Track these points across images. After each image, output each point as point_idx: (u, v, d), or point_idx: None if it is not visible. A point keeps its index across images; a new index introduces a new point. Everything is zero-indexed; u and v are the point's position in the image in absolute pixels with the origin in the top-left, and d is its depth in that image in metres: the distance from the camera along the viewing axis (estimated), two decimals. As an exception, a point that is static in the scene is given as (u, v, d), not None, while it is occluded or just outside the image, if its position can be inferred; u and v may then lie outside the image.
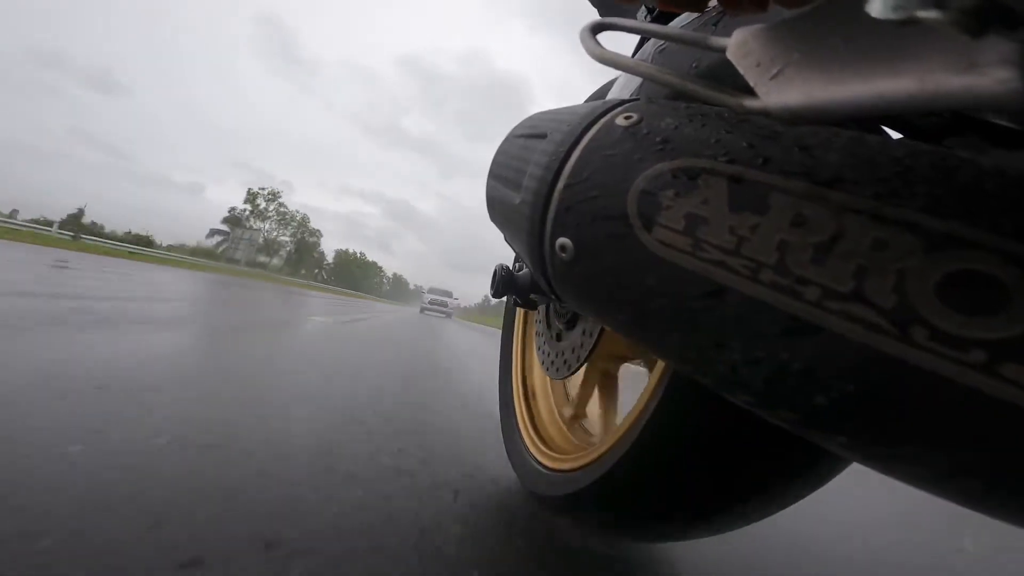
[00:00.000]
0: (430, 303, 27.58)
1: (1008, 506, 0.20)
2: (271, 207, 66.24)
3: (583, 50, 0.34)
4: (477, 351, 4.53)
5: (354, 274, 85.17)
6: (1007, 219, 0.19)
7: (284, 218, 68.43)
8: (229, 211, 63.91)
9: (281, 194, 66.69)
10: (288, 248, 69.04)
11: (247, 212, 64.45)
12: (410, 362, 2.59)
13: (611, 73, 0.74)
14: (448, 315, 26.07)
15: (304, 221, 70.76)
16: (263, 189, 66.43)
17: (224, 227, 62.63)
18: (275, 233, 67.80)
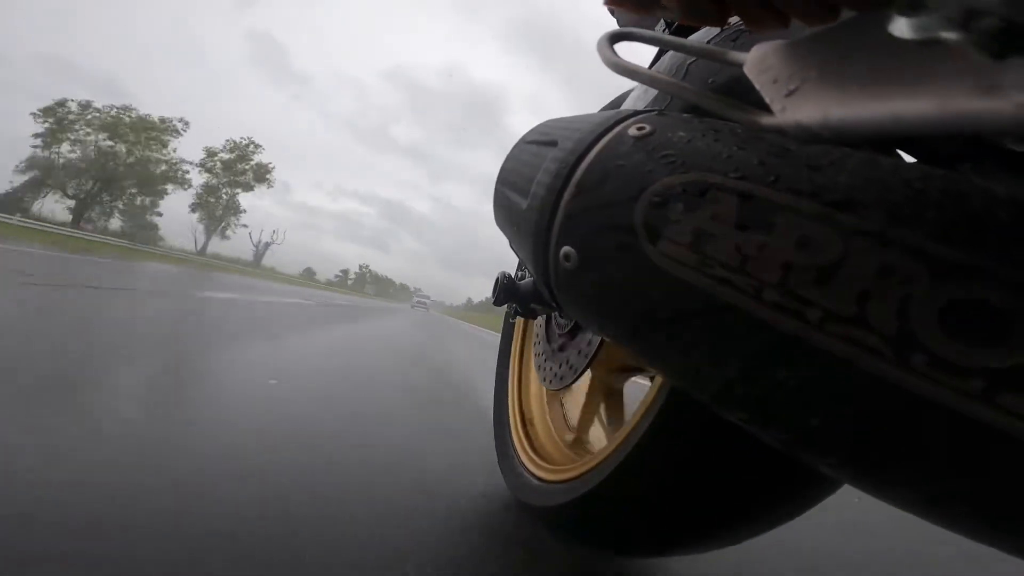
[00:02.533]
0: (416, 302, 56.74)
1: (998, 534, 0.20)
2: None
3: (600, 59, 0.34)
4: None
5: (380, 286, 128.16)
6: (1017, 249, 0.18)
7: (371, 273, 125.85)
8: (341, 271, 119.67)
9: (369, 266, 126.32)
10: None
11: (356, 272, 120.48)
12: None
13: (616, 84, 0.74)
14: (427, 308, 44.42)
15: (372, 271, 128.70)
16: (366, 264, 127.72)
17: (340, 273, 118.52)
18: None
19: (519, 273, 0.94)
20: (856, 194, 0.23)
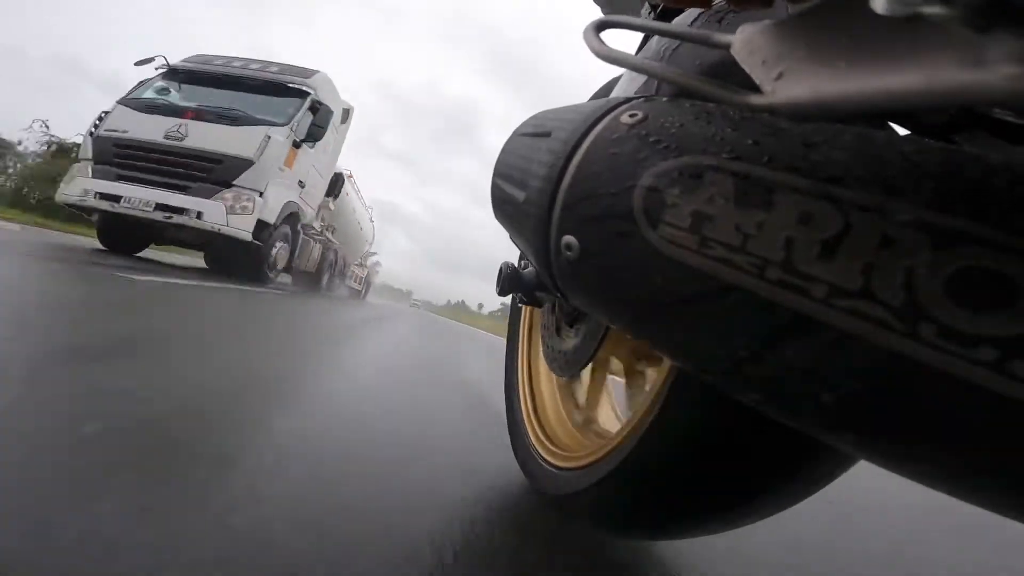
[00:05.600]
0: (412, 303, 71.44)
1: (1017, 504, 0.20)
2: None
3: (587, 48, 0.34)
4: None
5: (390, 293, 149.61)
6: (1015, 215, 0.18)
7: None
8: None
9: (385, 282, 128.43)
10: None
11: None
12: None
13: (611, 71, 0.74)
14: (419, 308, 48.95)
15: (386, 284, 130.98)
16: (384, 282, 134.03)
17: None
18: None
19: (522, 263, 0.94)
20: (853, 169, 0.23)
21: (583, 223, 0.33)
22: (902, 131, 0.31)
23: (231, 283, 4.07)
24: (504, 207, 0.48)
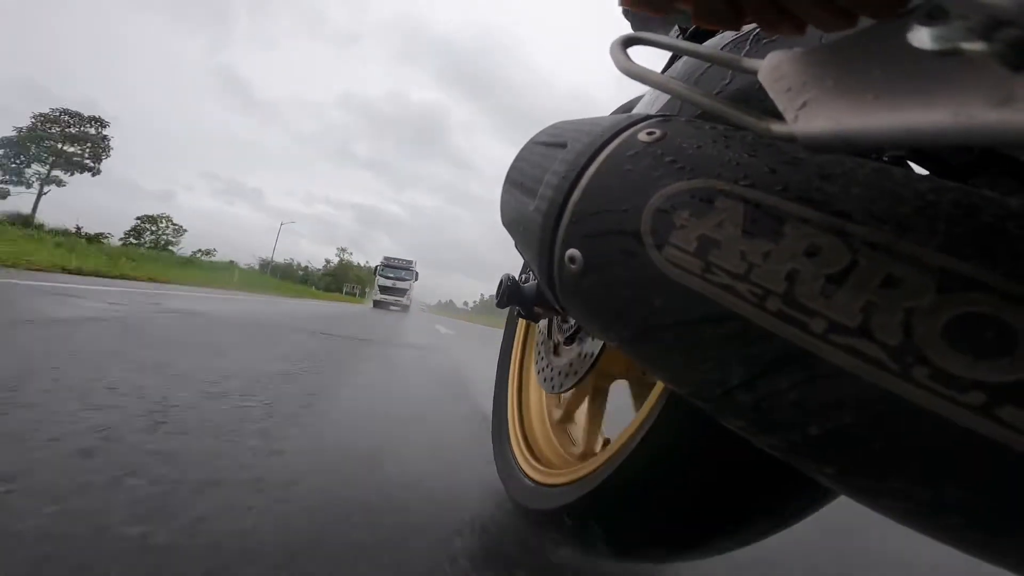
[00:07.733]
0: (419, 308, 69.29)
1: (993, 547, 0.19)
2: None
3: (612, 62, 0.34)
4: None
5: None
6: None
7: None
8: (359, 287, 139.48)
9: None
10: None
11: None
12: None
13: (633, 88, 0.74)
14: (425, 311, 55.58)
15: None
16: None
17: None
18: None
19: (523, 276, 0.93)
20: (867, 204, 0.22)
21: (589, 238, 0.33)
22: (921, 171, 0.31)
23: (398, 311, 22.08)
24: (512, 215, 0.48)
